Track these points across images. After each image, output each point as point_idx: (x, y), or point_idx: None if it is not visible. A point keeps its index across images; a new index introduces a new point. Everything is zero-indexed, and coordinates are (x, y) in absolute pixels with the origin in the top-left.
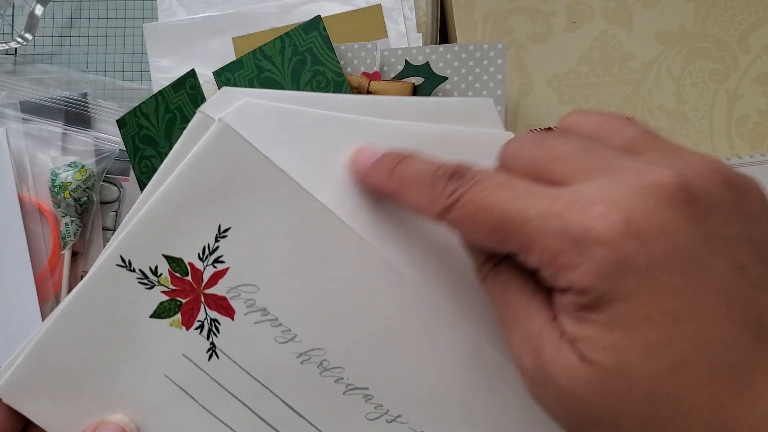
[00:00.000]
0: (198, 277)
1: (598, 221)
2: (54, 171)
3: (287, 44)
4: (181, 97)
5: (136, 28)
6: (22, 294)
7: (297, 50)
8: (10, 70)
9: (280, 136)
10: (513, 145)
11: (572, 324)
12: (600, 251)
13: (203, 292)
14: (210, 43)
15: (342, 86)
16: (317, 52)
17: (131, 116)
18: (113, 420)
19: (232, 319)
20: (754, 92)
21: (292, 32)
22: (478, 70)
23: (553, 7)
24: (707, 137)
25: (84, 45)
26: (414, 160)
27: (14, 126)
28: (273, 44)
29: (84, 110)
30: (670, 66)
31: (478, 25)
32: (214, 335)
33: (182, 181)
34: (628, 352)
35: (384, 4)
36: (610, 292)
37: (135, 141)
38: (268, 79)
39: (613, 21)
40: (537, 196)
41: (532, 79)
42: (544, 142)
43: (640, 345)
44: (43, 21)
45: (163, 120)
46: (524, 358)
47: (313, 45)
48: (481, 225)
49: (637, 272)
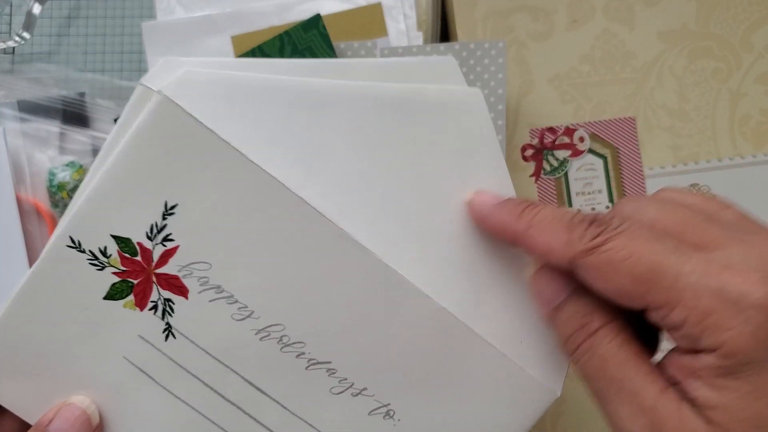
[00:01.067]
0: (148, 257)
1: (758, 287)
2: (51, 171)
3: (286, 42)
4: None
5: (134, 26)
6: None
7: (296, 49)
8: (8, 69)
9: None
10: (633, 204)
11: (707, 390)
12: (759, 316)
13: (154, 272)
14: (209, 42)
15: None
16: (317, 51)
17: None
18: (74, 402)
19: (186, 297)
20: (756, 91)
21: (292, 31)
22: (479, 68)
23: (554, 6)
24: (710, 136)
25: (82, 44)
26: (546, 205)
27: (12, 125)
28: (272, 42)
29: (82, 109)
30: (673, 65)
31: (478, 23)
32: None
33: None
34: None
35: (384, 3)
36: (760, 360)
37: None
38: None
39: (615, 19)
40: (688, 254)
41: (534, 77)
42: (668, 206)
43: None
44: (41, 20)
45: None
46: (637, 430)
47: (312, 44)
48: (625, 274)
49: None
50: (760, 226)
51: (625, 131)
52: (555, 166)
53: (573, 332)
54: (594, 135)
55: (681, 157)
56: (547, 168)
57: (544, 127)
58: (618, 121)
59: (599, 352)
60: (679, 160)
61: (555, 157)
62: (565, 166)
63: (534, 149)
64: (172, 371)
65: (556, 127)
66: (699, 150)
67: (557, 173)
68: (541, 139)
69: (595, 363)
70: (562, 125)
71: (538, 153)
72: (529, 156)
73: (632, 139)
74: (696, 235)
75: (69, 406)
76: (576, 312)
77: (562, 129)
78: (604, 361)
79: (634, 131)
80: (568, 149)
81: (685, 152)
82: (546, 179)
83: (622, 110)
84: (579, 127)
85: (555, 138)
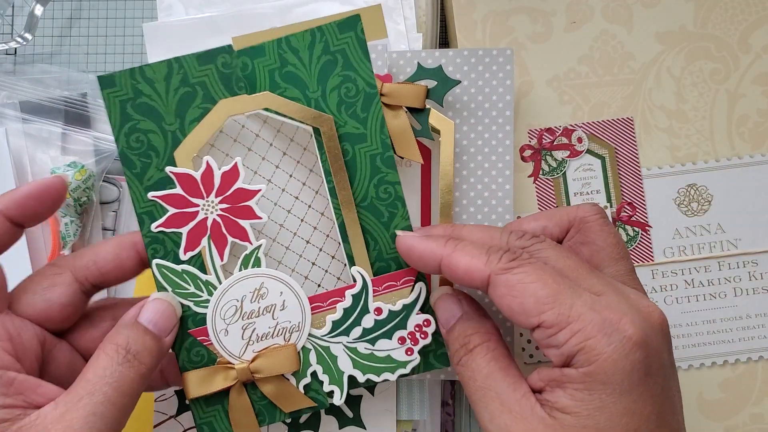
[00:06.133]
0: None
1: (629, 326)
2: (54, 171)
3: (318, 39)
4: (207, 72)
5: (135, 27)
6: None
7: (328, 48)
8: (10, 70)
9: None
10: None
11: (566, 398)
12: (625, 348)
13: None
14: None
15: (373, 99)
16: (350, 56)
17: (125, 77)
18: (160, 297)
19: None
20: (754, 92)
21: (326, 28)
22: (487, 75)
23: (553, 7)
24: (707, 137)
25: (84, 45)
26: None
27: (14, 126)
28: (302, 36)
29: (84, 110)
30: (671, 66)
31: (478, 25)
32: None
33: None
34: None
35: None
36: (613, 384)
37: (126, 107)
38: (291, 74)
39: (614, 21)
40: (580, 292)
41: (532, 78)
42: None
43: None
44: (43, 21)
45: (176, 92)
46: (495, 429)
47: (347, 47)
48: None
49: (638, 373)
50: (625, 284)
51: (623, 132)
52: (553, 166)
53: (457, 349)
54: (592, 135)
55: (679, 157)
56: (546, 168)
57: (543, 128)
58: (616, 122)
59: (472, 366)
60: (677, 160)
61: (553, 158)
62: (563, 166)
63: (532, 150)
64: None
65: (555, 128)
66: (697, 150)
67: (555, 174)
68: (539, 140)
69: (468, 374)
70: (560, 126)
71: (537, 153)
72: (527, 156)
73: (630, 140)
74: (585, 281)
75: (155, 300)
76: (461, 333)
77: (561, 130)
78: (474, 372)
79: (632, 132)
80: (567, 150)
81: (683, 153)
82: (544, 179)
83: (621, 111)
84: (577, 128)
85: (553, 138)
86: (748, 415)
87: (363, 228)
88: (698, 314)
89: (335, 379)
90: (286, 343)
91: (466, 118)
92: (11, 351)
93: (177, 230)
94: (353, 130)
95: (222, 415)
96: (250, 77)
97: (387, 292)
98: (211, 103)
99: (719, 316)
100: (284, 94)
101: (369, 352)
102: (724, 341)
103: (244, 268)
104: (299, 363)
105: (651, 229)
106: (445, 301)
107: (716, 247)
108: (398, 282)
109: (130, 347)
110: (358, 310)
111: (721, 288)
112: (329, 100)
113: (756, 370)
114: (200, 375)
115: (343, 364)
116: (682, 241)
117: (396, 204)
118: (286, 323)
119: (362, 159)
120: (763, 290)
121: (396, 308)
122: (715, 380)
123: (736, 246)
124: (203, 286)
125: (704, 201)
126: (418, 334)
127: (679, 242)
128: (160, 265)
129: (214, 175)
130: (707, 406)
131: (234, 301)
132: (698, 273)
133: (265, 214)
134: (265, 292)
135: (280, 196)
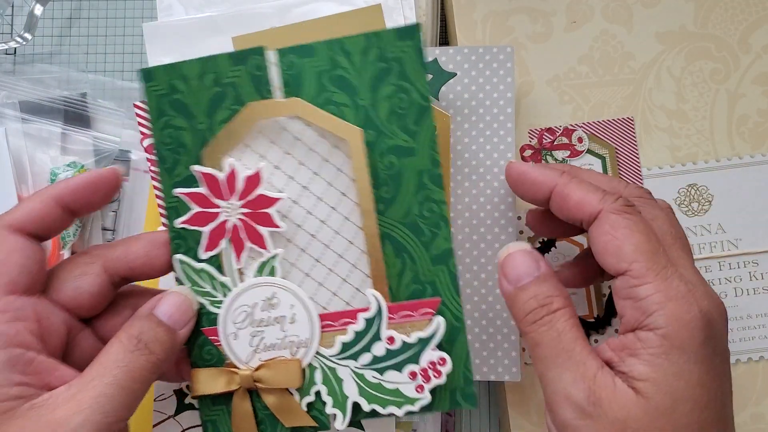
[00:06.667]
0: None
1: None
2: (53, 171)
3: (373, 44)
4: (239, 73)
5: (135, 27)
6: None
7: (383, 56)
8: (10, 70)
9: None
10: (649, 203)
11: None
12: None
13: None
14: (209, 43)
15: (426, 112)
16: (406, 66)
17: (163, 72)
18: (177, 290)
19: None
20: (754, 92)
21: (383, 33)
22: (488, 72)
23: (553, 7)
24: (708, 137)
25: (83, 45)
26: (581, 170)
27: (13, 126)
28: (356, 40)
29: (83, 110)
30: (671, 66)
31: (478, 25)
32: None
33: None
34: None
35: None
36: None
37: (162, 103)
38: (340, 78)
39: (614, 21)
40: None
41: (533, 78)
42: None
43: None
44: (43, 21)
45: (209, 91)
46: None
47: (404, 55)
48: (633, 240)
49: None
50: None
51: (623, 132)
52: None
53: (535, 308)
54: (592, 135)
55: (679, 157)
56: None
57: (543, 128)
58: (616, 122)
59: (557, 327)
60: (677, 160)
61: (554, 158)
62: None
63: (533, 150)
64: None
65: (555, 128)
66: (697, 150)
67: None
68: (540, 140)
69: (551, 335)
70: (560, 126)
71: (537, 153)
72: (528, 156)
73: (631, 140)
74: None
75: (172, 293)
76: (540, 293)
77: (561, 129)
78: (560, 333)
79: (632, 132)
80: (567, 149)
81: (683, 152)
82: None
83: (621, 111)
84: (577, 128)
85: (554, 138)
86: (748, 415)
87: (401, 246)
88: None
89: (338, 403)
90: (292, 357)
91: (467, 115)
92: (37, 332)
93: (199, 228)
94: (402, 143)
95: (226, 416)
96: (296, 77)
97: (402, 322)
98: (240, 104)
99: None
100: (332, 98)
101: (377, 381)
102: None
103: (260, 275)
104: (302, 379)
105: None
106: (524, 256)
107: (717, 247)
108: (416, 313)
109: (142, 337)
110: (370, 335)
111: (721, 288)
112: (379, 110)
113: (756, 370)
114: (208, 374)
115: (348, 388)
116: None
117: (439, 224)
118: (294, 337)
119: (408, 174)
120: (764, 290)
121: (410, 340)
122: None
123: (736, 246)
124: (219, 286)
125: (705, 201)
126: (431, 372)
127: None
128: (182, 261)
129: (238, 178)
130: None
131: (246, 306)
132: None
133: (284, 224)
134: (277, 303)
135: (315, 204)
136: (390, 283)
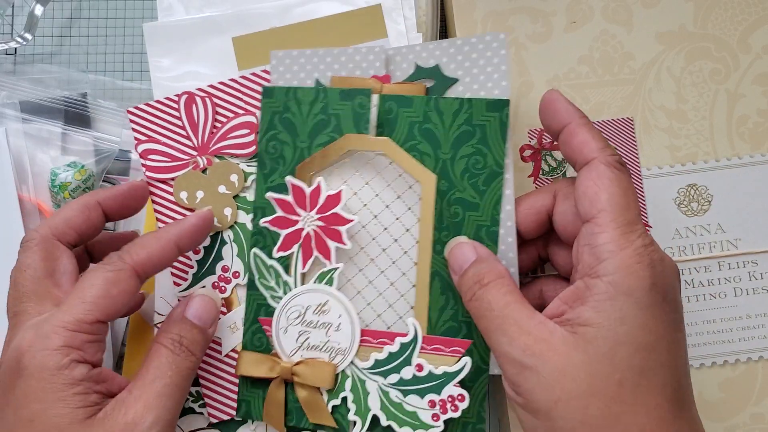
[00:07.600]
0: None
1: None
2: (54, 171)
3: (464, 109)
4: (345, 108)
5: (135, 27)
6: None
7: (470, 121)
8: (10, 70)
9: None
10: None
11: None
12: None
13: None
14: (210, 43)
15: (497, 177)
16: (489, 134)
17: (283, 93)
18: (200, 292)
19: None
20: (754, 92)
21: (475, 101)
22: (482, 61)
23: (553, 7)
24: (707, 137)
25: (84, 45)
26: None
27: (14, 126)
28: (451, 103)
29: (84, 110)
30: (671, 66)
31: (478, 25)
32: None
33: None
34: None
35: (384, 4)
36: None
37: (274, 118)
38: (428, 131)
39: (614, 21)
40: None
41: (532, 78)
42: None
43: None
44: (43, 21)
45: (315, 117)
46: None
47: (488, 124)
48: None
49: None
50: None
51: (623, 132)
52: (553, 166)
53: (470, 286)
54: None
55: (679, 157)
56: (546, 168)
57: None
58: (616, 122)
59: (487, 298)
60: (677, 160)
61: (553, 158)
62: (563, 166)
63: (532, 150)
64: None
65: None
66: (697, 150)
67: (555, 173)
68: (539, 140)
69: (484, 305)
70: None
71: (537, 153)
72: (527, 156)
73: (630, 140)
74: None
75: (198, 297)
76: (475, 273)
77: None
78: (491, 303)
79: (632, 132)
80: None
81: (683, 153)
82: (544, 179)
83: (620, 111)
84: None
85: (553, 138)
86: (748, 415)
87: (448, 285)
88: (698, 314)
89: (360, 412)
90: (329, 361)
91: None
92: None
93: (278, 230)
94: (469, 198)
95: (260, 400)
96: (391, 121)
97: (433, 354)
98: (339, 134)
99: (719, 316)
100: (417, 146)
101: (399, 401)
102: (724, 341)
103: (319, 283)
104: (334, 383)
105: (651, 229)
106: (460, 248)
107: (716, 247)
108: (447, 349)
109: (183, 341)
110: (402, 359)
111: (721, 288)
112: (456, 165)
113: (756, 370)
114: (253, 357)
115: (372, 401)
116: (682, 241)
117: None
118: (336, 344)
119: (469, 225)
120: (763, 290)
121: (437, 372)
122: (715, 380)
123: (736, 246)
124: (282, 284)
125: (704, 201)
126: (449, 405)
127: (679, 242)
128: (257, 254)
129: (321, 194)
130: (707, 406)
131: (300, 307)
132: (698, 273)
133: (350, 242)
134: (327, 310)
135: (380, 233)
136: (430, 315)
